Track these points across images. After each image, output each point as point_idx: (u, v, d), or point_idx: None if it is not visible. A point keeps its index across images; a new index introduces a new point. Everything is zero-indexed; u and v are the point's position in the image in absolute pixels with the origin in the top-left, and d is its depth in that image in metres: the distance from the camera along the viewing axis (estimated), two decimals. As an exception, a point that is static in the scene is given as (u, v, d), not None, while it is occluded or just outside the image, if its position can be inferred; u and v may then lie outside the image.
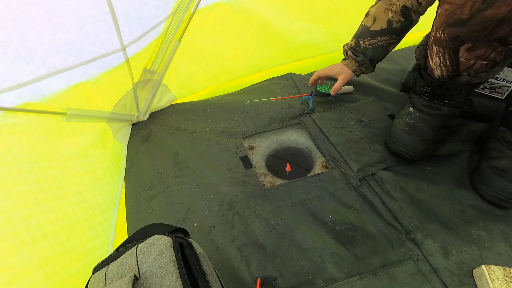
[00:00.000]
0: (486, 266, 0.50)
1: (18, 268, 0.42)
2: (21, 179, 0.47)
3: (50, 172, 0.53)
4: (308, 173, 0.69)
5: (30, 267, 0.43)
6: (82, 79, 0.59)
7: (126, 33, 0.60)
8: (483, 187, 0.60)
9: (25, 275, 0.42)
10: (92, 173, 0.62)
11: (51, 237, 0.48)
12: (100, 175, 0.64)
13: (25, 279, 0.42)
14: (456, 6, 0.48)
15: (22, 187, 0.47)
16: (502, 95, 0.70)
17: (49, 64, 0.52)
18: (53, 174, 0.54)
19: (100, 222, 0.59)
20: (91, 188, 0.60)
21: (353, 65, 0.73)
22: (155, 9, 0.65)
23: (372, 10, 0.67)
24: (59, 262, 0.48)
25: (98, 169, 0.64)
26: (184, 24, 0.74)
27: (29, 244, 0.44)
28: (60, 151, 0.56)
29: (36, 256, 0.45)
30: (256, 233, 0.58)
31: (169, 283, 0.32)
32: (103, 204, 0.61)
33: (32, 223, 0.46)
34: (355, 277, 0.52)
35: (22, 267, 0.42)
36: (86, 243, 0.54)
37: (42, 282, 0.44)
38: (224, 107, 0.82)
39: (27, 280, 0.42)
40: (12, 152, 0.47)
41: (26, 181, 0.48)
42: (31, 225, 0.46)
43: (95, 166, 0.64)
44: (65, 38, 0.52)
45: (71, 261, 0.50)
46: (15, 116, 0.49)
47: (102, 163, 0.66)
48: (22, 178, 0.47)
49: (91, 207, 0.58)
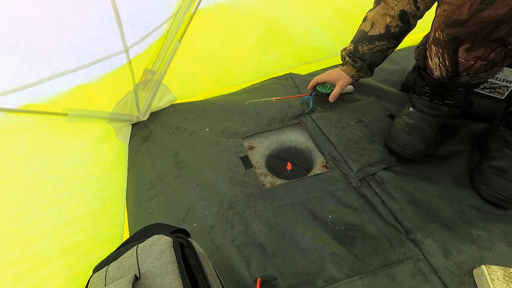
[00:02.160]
0: (486, 266, 0.50)
1: (38, 258, 0.41)
2: (35, 171, 0.47)
3: (64, 163, 0.53)
4: (308, 173, 0.70)
5: (50, 256, 0.43)
6: (85, 81, 0.60)
7: (129, 35, 0.60)
8: (483, 187, 0.60)
9: (45, 264, 0.42)
10: (105, 164, 0.63)
11: (73, 224, 0.48)
12: (111, 167, 0.65)
13: (45, 269, 0.41)
14: (455, 7, 0.48)
15: (37, 179, 0.47)
16: (502, 95, 0.70)
17: (53, 67, 0.52)
18: (69, 164, 0.54)
19: (114, 214, 0.59)
20: (106, 178, 0.61)
21: (351, 71, 0.73)
22: (158, 10, 0.65)
23: (370, 15, 0.66)
24: (81, 249, 0.48)
25: (108, 161, 0.65)
26: (185, 24, 0.75)
27: (49, 232, 0.44)
28: (69, 146, 0.57)
29: (56, 244, 0.44)
30: (256, 233, 0.58)
31: (169, 283, 0.33)
32: (116, 197, 0.62)
33: (52, 212, 0.46)
34: (355, 277, 0.52)
35: (42, 257, 0.42)
36: (106, 231, 0.54)
37: (62, 271, 0.43)
38: (224, 107, 0.83)
39: (47, 269, 0.42)
40: (20, 148, 0.47)
41: (40, 173, 0.48)
42: (50, 214, 0.46)
43: (106, 158, 0.64)
44: (70, 41, 0.52)
45: (93, 248, 0.50)
46: (17, 116, 0.49)
47: (111, 157, 0.67)
48: (35, 171, 0.47)
49: (108, 196, 0.59)
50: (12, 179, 0.44)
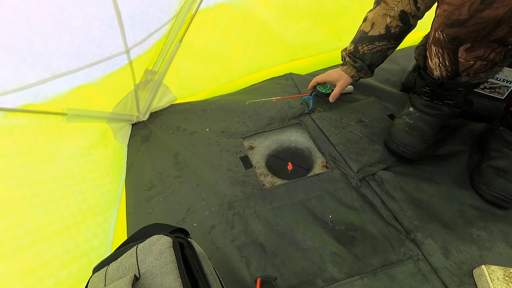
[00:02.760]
0: (486, 266, 0.49)
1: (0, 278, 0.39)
2: (15, 183, 0.46)
3: (48, 173, 0.52)
4: (308, 173, 0.70)
5: (7, 280, 0.41)
6: (85, 81, 0.59)
7: (130, 36, 0.60)
8: (483, 187, 0.60)
9: (8, 284, 0.40)
10: (95, 171, 0.62)
11: (39, 244, 0.46)
12: (103, 173, 0.64)
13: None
14: (455, 7, 0.48)
15: (14, 192, 0.45)
16: (502, 95, 0.70)
17: (53, 67, 0.52)
18: (52, 175, 0.53)
19: (99, 222, 0.58)
20: (93, 186, 0.60)
21: (351, 71, 0.74)
22: (159, 11, 0.65)
23: (370, 15, 0.66)
24: (46, 269, 0.45)
25: (100, 167, 0.64)
26: (186, 25, 0.75)
27: (11, 254, 0.42)
28: (60, 151, 0.56)
29: (16, 267, 0.42)
30: (256, 233, 0.58)
31: (169, 283, 0.33)
32: (104, 204, 0.61)
33: (19, 232, 0.44)
34: (355, 277, 0.52)
35: (7, 276, 0.40)
36: (82, 245, 0.53)
37: None
38: (224, 107, 0.83)
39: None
40: (9, 155, 0.46)
41: (20, 185, 0.47)
42: (17, 234, 0.44)
43: (97, 164, 0.64)
44: (71, 42, 0.52)
45: (62, 266, 0.48)
46: (15, 117, 0.49)
47: (104, 162, 0.66)
48: (16, 182, 0.46)
49: (92, 206, 0.58)
50: None
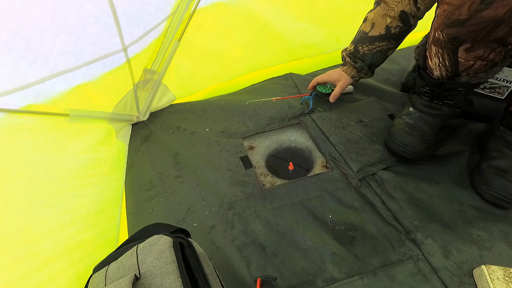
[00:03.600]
0: (486, 266, 0.50)
1: (46, 254, 0.41)
2: (40, 170, 0.47)
3: (67, 163, 0.54)
4: (308, 173, 0.70)
5: (58, 254, 0.43)
6: (84, 80, 0.59)
7: (127, 33, 0.60)
8: (483, 187, 0.60)
9: (53, 261, 0.42)
10: (104, 167, 0.63)
11: (78, 223, 0.48)
12: (110, 170, 0.65)
13: (53, 266, 0.41)
14: (454, 7, 0.48)
15: (43, 177, 0.47)
16: (502, 95, 0.70)
17: (52, 66, 0.52)
18: (71, 165, 0.54)
19: (111, 216, 0.60)
20: (104, 181, 0.62)
21: (352, 71, 0.74)
22: (155, 9, 0.65)
23: (370, 15, 0.66)
24: (85, 249, 0.48)
25: (107, 164, 0.65)
26: (184, 24, 0.75)
27: (57, 230, 0.44)
28: (70, 147, 0.57)
29: (63, 242, 0.45)
30: (256, 233, 0.58)
31: (169, 283, 0.33)
32: (113, 199, 0.62)
33: (59, 210, 0.46)
34: (355, 277, 0.52)
35: (50, 253, 0.42)
36: (105, 233, 0.55)
37: (68, 269, 0.43)
38: (224, 107, 0.83)
39: (55, 267, 0.42)
40: (25, 147, 0.47)
41: (45, 172, 0.48)
42: (57, 212, 0.46)
43: (105, 160, 0.65)
44: (67, 39, 0.52)
45: (95, 249, 0.50)
46: (20, 117, 0.49)
47: (110, 159, 0.67)
48: (40, 169, 0.48)
49: (107, 199, 0.60)
50: (19, 176, 0.44)
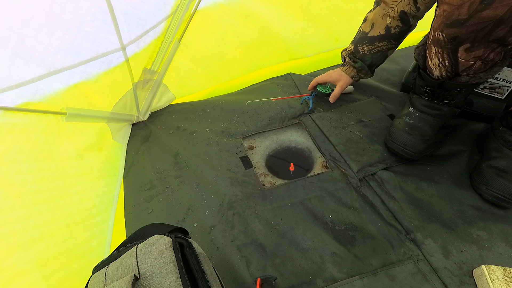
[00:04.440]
0: (486, 266, 0.49)
1: (16, 268, 0.41)
2: (20, 179, 0.47)
3: (48, 172, 0.53)
4: (308, 173, 0.69)
5: (27, 268, 0.43)
6: (82, 79, 0.59)
7: (125, 32, 0.60)
8: (483, 187, 0.60)
9: (23, 275, 0.42)
10: (89, 174, 0.62)
11: (48, 238, 0.48)
12: (97, 176, 0.64)
13: (23, 280, 0.42)
14: (454, 7, 0.48)
15: (20, 188, 0.47)
16: (502, 95, 0.71)
17: (48, 63, 0.52)
18: (51, 174, 0.53)
19: (97, 223, 0.59)
20: (88, 189, 0.60)
21: (352, 72, 0.74)
22: (154, 8, 0.65)
23: (370, 15, 0.66)
24: (56, 263, 0.47)
25: (94, 170, 0.64)
26: (184, 24, 0.74)
27: (26, 244, 0.44)
28: (58, 152, 0.56)
29: (33, 257, 0.44)
30: (256, 233, 0.58)
31: (169, 283, 0.32)
32: (100, 205, 0.61)
33: (30, 224, 0.46)
34: (355, 277, 0.52)
35: (20, 267, 0.42)
36: (83, 245, 0.54)
37: (39, 282, 0.43)
38: (224, 107, 0.82)
39: (24, 280, 0.42)
40: (11, 151, 0.47)
41: (24, 182, 0.48)
42: (28, 226, 0.46)
43: (91, 167, 0.64)
44: (63, 36, 0.51)
45: (68, 262, 0.49)
46: (14, 115, 0.49)
47: (98, 165, 0.66)
48: (20, 179, 0.47)
49: (88, 208, 0.58)
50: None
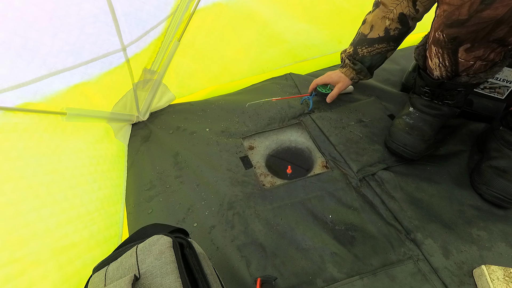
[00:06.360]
0: (486, 266, 0.49)
1: (28, 259, 0.41)
2: (29, 172, 0.47)
3: (61, 164, 0.53)
4: (308, 173, 0.69)
5: (41, 258, 0.43)
6: (83, 79, 0.59)
7: (126, 33, 0.60)
8: (483, 187, 0.60)
9: (36, 266, 0.41)
10: (103, 165, 0.63)
11: (66, 225, 0.48)
12: (110, 167, 0.65)
13: (36, 270, 0.41)
14: (454, 7, 0.48)
15: (31, 180, 0.47)
16: (502, 95, 0.71)
17: (50, 65, 0.52)
18: (65, 165, 0.54)
19: (112, 213, 0.59)
20: (104, 178, 0.61)
21: (351, 73, 0.74)
22: (155, 9, 0.65)
23: (369, 17, 0.66)
24: (74, 251, 0.47)
25: (107, 161, 0.65)
26: (184, 24, 0.74)
27: (41, 234, 0.44)
28: (68, 145, 0.57)
29: (49, 246, 0.44)
30: (256, 233, 0.58)
31: (169, 283, 0.32)
32: (114, 196, 0.62)
33: (45, 213, 0.46)
34: (355, 277, 0.52)
35: (33, 258, 0.42)
36: (103, 231, 0.54)
37: (53, 272, 0.43)
38: (224, 107, 0.82)
39: (38, 271, 0.41)
40: (16, 148, 0.47)
41: (35, 174, 0.48)
42: (43, 215, 0.46)
43: (104, 158, 0.64)
44: (66, 38, 0.52)
45: (88, 249, 0.50)
46: (15, 115, 0.49)
47: (110, 157, 0.67)
48: (30, 171, 0.47)
49: (106, 196, 0.59)
50: (5, 180, 0.43)
